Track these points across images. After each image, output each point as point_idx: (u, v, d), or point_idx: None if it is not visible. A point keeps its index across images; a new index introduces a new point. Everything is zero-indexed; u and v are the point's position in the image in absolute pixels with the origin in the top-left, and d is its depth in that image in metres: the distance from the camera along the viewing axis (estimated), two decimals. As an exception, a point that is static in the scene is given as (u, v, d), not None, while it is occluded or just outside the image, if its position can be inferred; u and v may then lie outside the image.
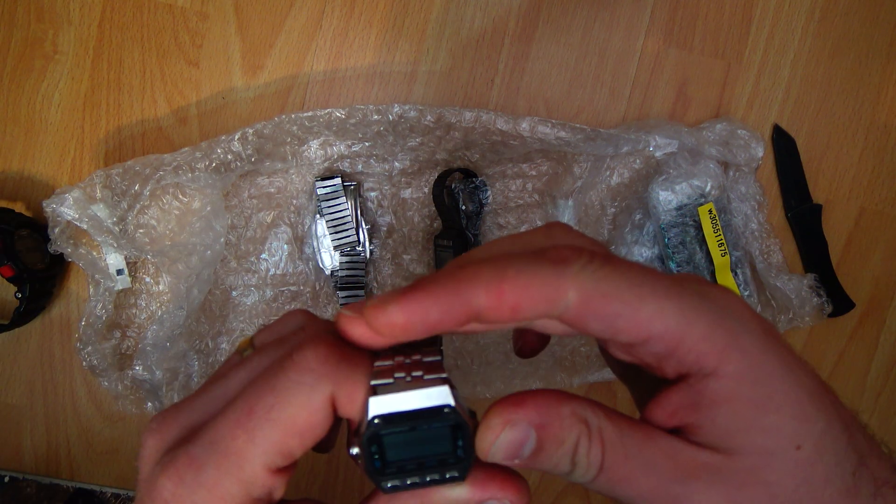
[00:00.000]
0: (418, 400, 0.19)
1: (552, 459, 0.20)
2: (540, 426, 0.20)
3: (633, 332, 0.19)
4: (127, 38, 0.57)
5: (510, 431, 0.19)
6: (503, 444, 0.19)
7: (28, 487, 0.61)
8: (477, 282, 0.19)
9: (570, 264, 0.19)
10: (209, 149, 0.53)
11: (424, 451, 0.20)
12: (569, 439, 0.20)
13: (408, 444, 0.20)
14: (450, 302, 0.19)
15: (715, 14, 0.58)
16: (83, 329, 0.54)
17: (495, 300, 0.19)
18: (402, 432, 0.19)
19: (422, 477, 0.20)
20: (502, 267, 0.19)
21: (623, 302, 0.19)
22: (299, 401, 0.19)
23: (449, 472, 0.20)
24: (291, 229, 0.59)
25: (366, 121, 0.54)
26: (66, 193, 0.52)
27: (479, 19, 0.57)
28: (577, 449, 0.20)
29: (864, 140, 0.60)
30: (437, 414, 0.19)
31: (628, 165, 0.58)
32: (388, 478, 0.20)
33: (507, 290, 0.19)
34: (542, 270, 0.19)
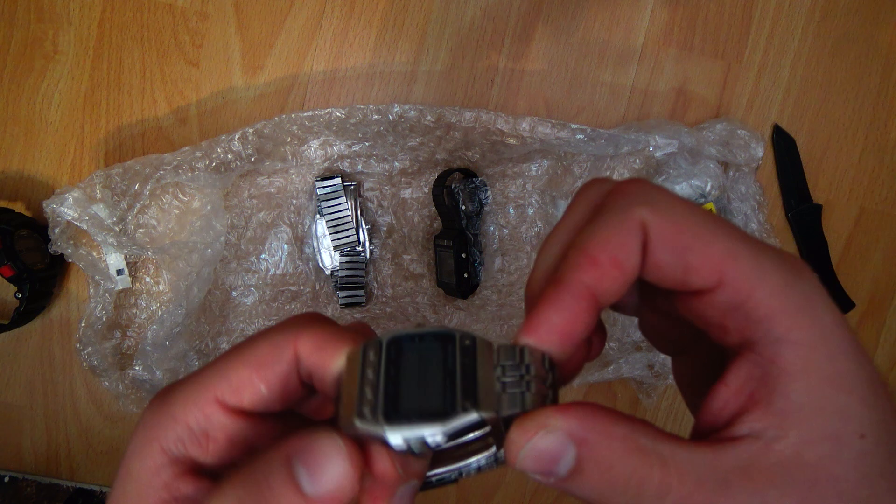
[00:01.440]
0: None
1: (596, 485, 0.17)
2: (581, 441, 0.17)
3: (704, 271, 0.18)
4: (127, 38, 0.57)
5: (544, 438, 0.17)
6: (534, 452, 0.17)
7: (28, 487, 0.61)
8: (571, 271, 0.18)
9: (632, 194, 0.18)
10: (209, 148, 0.53)
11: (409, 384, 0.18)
12: (618, 462, 0.17)
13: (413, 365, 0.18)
14: (566, 311, 0.18)
15: (715, 14, 0.58)
16: (83, 330, 0.54)
17: (596, 271, 0.18)
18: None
19: (375, 375, 0.18)
20: (578, 240, 0.18)
21: (696, 234, 0.18)
22: (265, 339, 0.20)
23: (374, 412, 0.17)
24: (291, 229, 0.59)
25: (366, 121, 0.54)
26: (66, 193, 0.52)
27: (480, 20, 0.57)
28: (632, 474, 0.17)
29: (864, 140, 0.60)
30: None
31: (628, 165, 0.58)
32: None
33: (597, 254, 0.18)
34: (611, 217, 0.18)
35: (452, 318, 0.60)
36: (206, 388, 0.19)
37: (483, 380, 0.18)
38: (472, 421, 0.17)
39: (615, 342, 0.58)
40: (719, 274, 0.18)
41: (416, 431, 0.17)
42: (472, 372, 0.18)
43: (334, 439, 0.17)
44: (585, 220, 0.20)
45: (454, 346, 0.18)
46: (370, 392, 0.17)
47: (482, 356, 0.18)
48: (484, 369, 0.18)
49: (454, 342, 0.18)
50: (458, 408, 0.17)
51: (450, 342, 0.18)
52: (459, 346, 0.18)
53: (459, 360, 0.18)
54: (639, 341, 0.58)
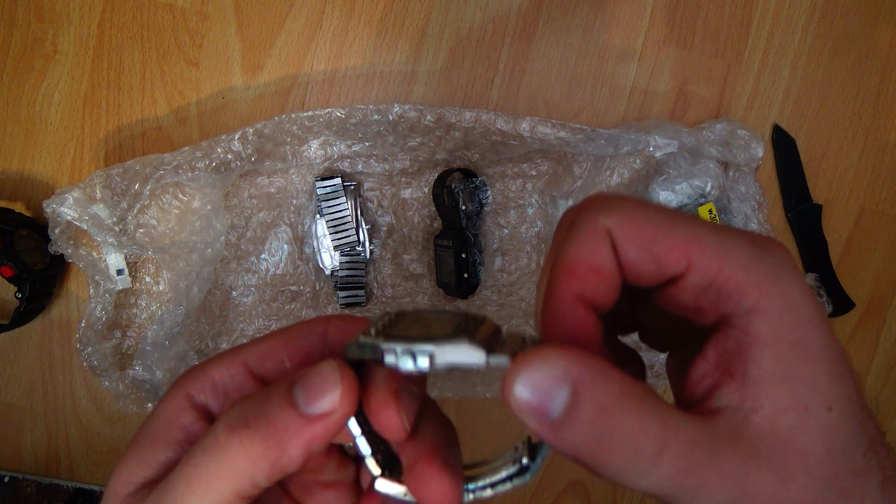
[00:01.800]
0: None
1: (588, 428, 0.16)
2: (579, 378, 0.17)
3: (671, 258, 0.18)
4: (127, 38, 0.57)
5: (540, 369, 0.17)
6: (529, 383, 0.17)
7: (28, 487, 0.61)
8: (555, 289, 0.19)
9: (593, 206, 0.19)
10: (209, 148, 0.53)
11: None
12: (613, 405, 0.16)
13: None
14: (566, 315, 0.19)
15: (715, 14, 0.58)
16: (83, 330, 0.54)
17: (577, 282, 0.19)
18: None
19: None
20: (559, 260, 0.19)
21: (656, 225, 0.18)
22: (300, 322, 0.23)
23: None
24: (291, 229, 0.59)
25: (366, 121, 0.54)
26: (66, 193, 0.52)
27: (479, 19, 0.57)
28: (630, 428, 0.16)
29: (864, 140, 0.60)
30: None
31: (628, 165, 0.58)
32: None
33: (572, 264, 0.19)
34: (578, 227, 0.19)
35: (452, 318, 0.60)
36: (239, 352, 0.22)
37: (485, 334, 0.19)
38: (462, 349, 0.17)
39: (615, 342, 0.58)
40: (686, 257, 0.18)
41: (410, 346, 0.18)
42: (476, 328, 0.19)
43: (332, 364, 0.19)
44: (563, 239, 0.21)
45: (464, 316, 0.19)
46: (379, 323, 0.19)
47: (489, 328, 0.19)
48: (489, 334, 0.19)
49: (468, 315, 0.20)
50: (451, 335, 0.18)
51: (460, 316, 0.19)
52: (471, 317, 0.19)
53: (468, 323, 0.19)
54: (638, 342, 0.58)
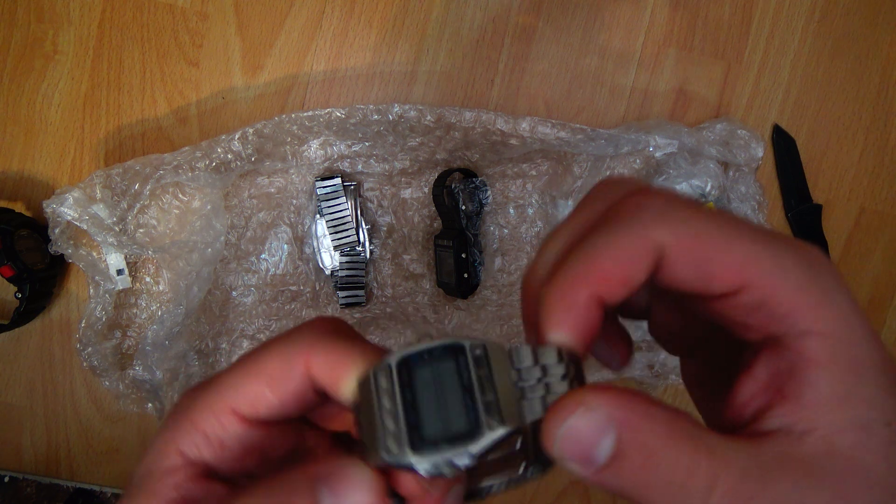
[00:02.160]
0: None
1: (637, 473, 0.16)
2: (623, 422, 0.16)
3: (726, 278, 0.17)
4: (127, 38, 0.57)
5: (582, 417, 0.16)
6: (573, 433, 0.16)
7: (28, 487, 0.61)
8: (578, 279, 0.18)
9: (649, 207, 0.18)
10: (209, 148, 0.53)
11: (427, 406, 0.17)
12: (664, 452, 0.16)
13: (435, 386, 0.17)
14: (577, 317, 0.18)
15: (715, 14, 0.58)
16: (83, 331, 0.54)
17: (604, 283, 0.18)
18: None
19: (393, 404, 0.17)
20: (591, 249, 0.18)
21: (715, 244, 0.18)
22: (277, 351, 0.21)
23: (399, 441, 0.17)
24: (291, 229, 0.59)
25: (366, 121, 0.54)
26: (66, 193, 0.52)
27: (479, 19, 0.57)
28: (679, 466, 0.16)
29: (864, 140, 0.60)
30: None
31: (628, 165, 0.58)
32: (388, 373, 0.18)
33: (608, 267, 0.18)
34: (626, 229, 0.18)
35: (452, 318, 0.60)
36: (223, 398, 0.20)
37: (502, 389, 0.17)
38: (499, 437, 0.17)
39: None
40: (741, 278, 0.18)
41: (444, 456, 0.16)
42: (490, 383, 0.17)
43: (361, 469, 0.18)
44: (594, 223, 0.20)
45: (465, 357, 0.18)
46: (391, 422, 0.17)
47: (496, 363, 0.18)
48: (501, 377, 0.17)
49: (465, 353, 0.18)
50: (484, 426, 0.17)
51: (461, 353, 0.18)
52: (472, 357, 0.18)
53: (474, 372, 0.17)
54: (638, 341, 0.58)
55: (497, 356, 0.18)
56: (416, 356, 0.18)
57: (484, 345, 0.18)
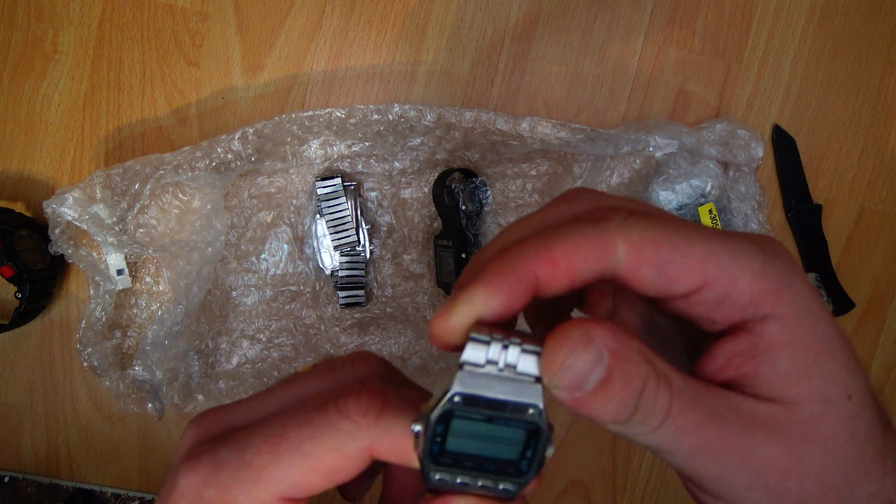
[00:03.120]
0: (507, 390, 0.18)
1: (615, 398, 0.18)
2: (613, 353, 0.17)
3: (687, 279, 0.18)
4: (127, 38, 0.57)
5: (584, 352, 0.17)
6: (573, 367, 0.17)
7: (28, 487, 0.61)
8: (530, 255, 0.18)
9: (612, 220, 0.19)
10: (209, 148, 0.53)
11: (488, 450, 0.18)
12: (637, 376, 0.18)
13: (474, 437, 0.18)
14: (509, 284, 0.18)
15: (715, 14, 0.58)
16: (83, 331, 0.54)
17: (550, 268, 0.18)
18: (476, 420, 0.18)
19: (473, 479, 0.19)
20: (547, 236, 0.19)
21: (673, 247, 0.18)
22: (332, 444, 0.19)
23: (503, 483, 0.19)
24: (291, 229, 0.59)
25: (366, 121, 0.54)
26: (66, 194, 0.52)
27: (479, 19, 0.57)
28: (645, 390, 0.18)
29: (864, 140, 0.60)
30: (521, 411, 0.18)
31: (628, 165, 0.58)
32: (441, 468, 0.18)
33: (558, 256, 0.18)
34: (587, 231, 0.19)
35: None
36: (271, 488, 0.19)
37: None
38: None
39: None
40: (701, 277, 0.18)
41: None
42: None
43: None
44: (560, 222, 0.20)
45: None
46: (487, 481, 0.19)
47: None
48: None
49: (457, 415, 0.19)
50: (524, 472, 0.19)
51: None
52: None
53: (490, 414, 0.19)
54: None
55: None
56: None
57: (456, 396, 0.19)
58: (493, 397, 0.18)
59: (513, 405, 0.18)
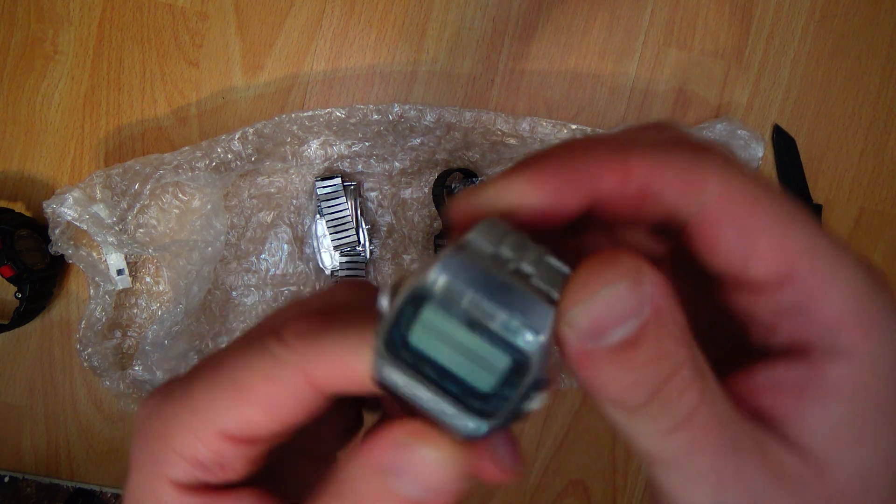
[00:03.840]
0: (505, 299, 0.14)
1: (634, 371, 0.13)
2: (657, 311, 0.13)
3: (772, 261, 0.14)
4: (127, 38, 0.57)
5: (627, 290, 0.13)
6: (606, 302, 0.13)
7: (28, 487, 0.61)
8: (600, 156, 0.15)
9: (709, 156, 0.15)
10: (209, 148, 0.53)
11: (458, 366, 0.14)
12: (671, 356, 0.13)
13: (446, 342, 0.14)
14: (562, 179, 0.14)
15: (715, 14, 0.58)
16: (83, 331, 0.54)
17: (621, 178, 0.15)
18: (456, 320, 0.14)
19: (428, 395, 0.14)
20: (626, 144, 0.15)
21: (774, 218, 0.14)
22: (264, 372, 0.16)
23: (463, 416, 0.14)
24: (291, 229, 0.59)
25: (366, 121, 0.54)
26: (67, 194, 0.52)
27: (479, 19, 0.57)
28: (674, 378, 0.13)
29: (864, 140, 0.60)
30: (514, 332, 0.14)
31: (628, 165, 0.58)
32: (395, 362, 0.14)
33: (635, 168, 0.15)
34: (677, 154, 0.15)
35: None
36: (205, 423, 0.16)
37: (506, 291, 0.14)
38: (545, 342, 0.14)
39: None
40: (790, 267, 0.14)
41: (516, 403, 0.15)
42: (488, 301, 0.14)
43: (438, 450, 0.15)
44: (644, 141, 0.16)
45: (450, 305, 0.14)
46: (443, 406, 0.14)
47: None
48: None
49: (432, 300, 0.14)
50: (527, 343, 0.14)
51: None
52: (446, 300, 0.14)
53: (471, 302, 0.14)
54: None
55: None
56: (397, 332, 0.15)
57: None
58: (485, 298, 0.14)
59: (507, 319, 0.14)
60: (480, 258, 0.14)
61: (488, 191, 0.15)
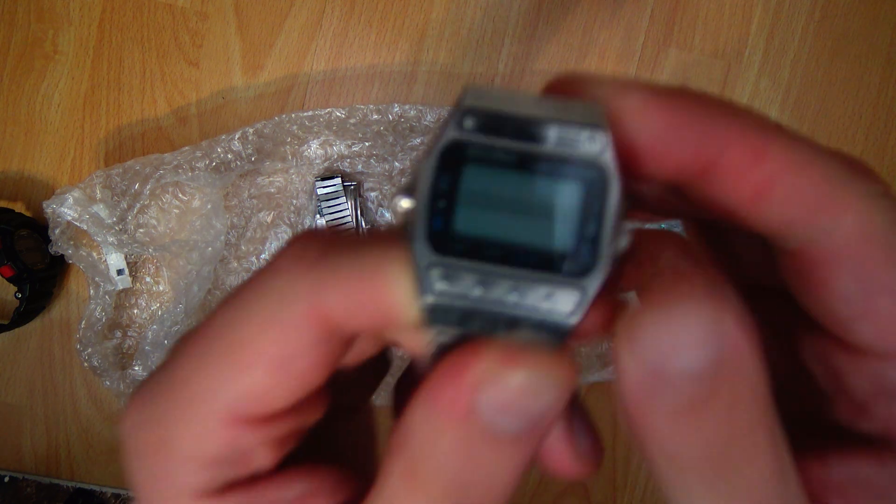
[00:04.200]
0: (544, 109, 0.11)
1: (699, 430, 0.11)
2: (740, 356, 0.11)
3: (893, 329, 0.11)
4: (127, 38, 0.57)
5: (707, 325, 0.10)
6: (674, 337, 0.10)
7: (28, 487, 0.61)
8: (738, 119, 0.12)
9: (861, 177, 0.12)
10: (209, 148, 0.53)
11: (527, 233, 0.11)
12: (747, 415, 0.11)
13: (499, 206, 0.11)
14: (690, 121, 0.12)
15: (715, 14, 0.58)
16: (83, 332, 0.54)
17: (751, 158, 0.12)
18: (502, 166, 0.11)
19: (503, 283, 0.11)
20: (772, 126, 0.12)
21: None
22: (266, 315, 0.12)
23: (560, 287, 0.11)
24: (291, 229, 0.59)
25: (366, 121, 0.54)
26: (67, 194, 0.52)
27: (479, 19, 0.57)
28: (743, 442, 0.11)
29: (864, 140, 0.60)
30: (574, 141, 0.11)
31: (628, 165, 0.58)
32: (447, 262, 0.11)
33: (772, 155, 0.12)
34: (825, 163, 0.12)
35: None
36: (206, 407, 0.13)
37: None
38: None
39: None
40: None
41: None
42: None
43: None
44: (777, 127, 0.13)
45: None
46: (528, 293, 0.11)
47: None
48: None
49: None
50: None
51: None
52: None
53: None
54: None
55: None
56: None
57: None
58: (527, 117, 0.11)
59: (559, 128, 0.11)
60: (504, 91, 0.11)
61: (597, 82, 0.12)
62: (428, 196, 0.11)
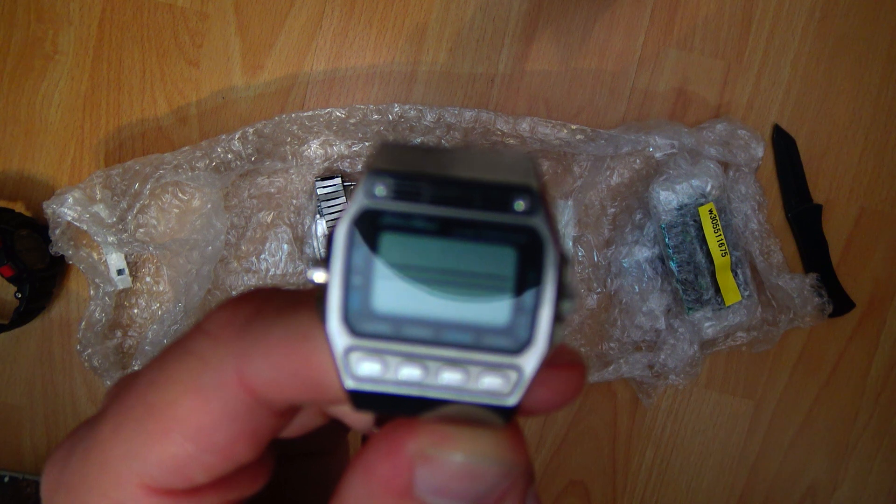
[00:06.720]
0: (473, 167, 0.10)
1: None
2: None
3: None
4: (127, 38, 0.57)
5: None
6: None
7: (28, 487, 0.61)
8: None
9: None
10: (209, 148, 0.53)
11: (455, 307, 0.10)
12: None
13: (425, 281, 0.10)
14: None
15: (715, 14, 0.58)
16: (83, 332, 0.54)
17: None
18: (422, 231, 0.10)
19: (431, 362, 0.10)
20: None
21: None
22: (185, 381, 0.12)
23: (494, 366, 0.10)
24: (291, 229, 0.59)
25: (366, 121, 0.54)
26: (66, 194, 0.52)
27: (479, 19, 0.57)
28: None
29: (864, 140, 0.60)
30: (502, 203, 0.09)
31: (628, 165, 0.58)
32: (367, 343, 0.10)
33: None
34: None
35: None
36: (121, 475, 0.12)
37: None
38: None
39: (615, 342, 0.58)
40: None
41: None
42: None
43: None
44: None
45: None
46: (461, 372, 0.10)
47: None
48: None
49: None
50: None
51: None
52: None
53: None
54: (638, 341, 0.58)
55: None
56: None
57: None
58: (446, 174, 0.09)
59: (486, 188, 0.09)
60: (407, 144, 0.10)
61: None
62: (342, 273, 0.10)
